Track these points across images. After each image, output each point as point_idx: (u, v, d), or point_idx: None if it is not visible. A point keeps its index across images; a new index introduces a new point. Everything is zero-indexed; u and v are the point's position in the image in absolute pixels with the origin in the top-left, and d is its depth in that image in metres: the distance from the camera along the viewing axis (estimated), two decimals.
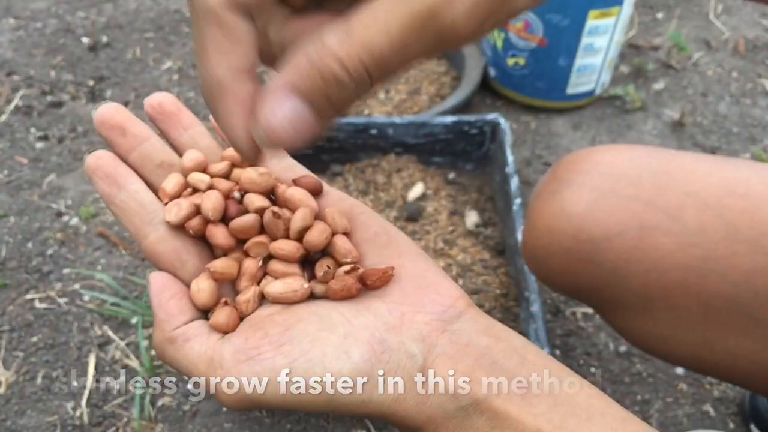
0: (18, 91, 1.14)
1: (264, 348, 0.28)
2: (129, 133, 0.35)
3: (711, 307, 0.41)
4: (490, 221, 0.92)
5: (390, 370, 0.28)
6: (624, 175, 0.44)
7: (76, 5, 1.32)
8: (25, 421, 0.76)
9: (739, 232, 0.40)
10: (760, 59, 1.25)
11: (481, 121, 0.94)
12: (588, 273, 0.45)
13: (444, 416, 0.28)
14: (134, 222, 0.33)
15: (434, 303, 0.30)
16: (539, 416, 0.28)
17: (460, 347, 0.29)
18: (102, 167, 0.34)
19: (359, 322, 0.29)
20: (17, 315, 0.85)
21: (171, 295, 0.31)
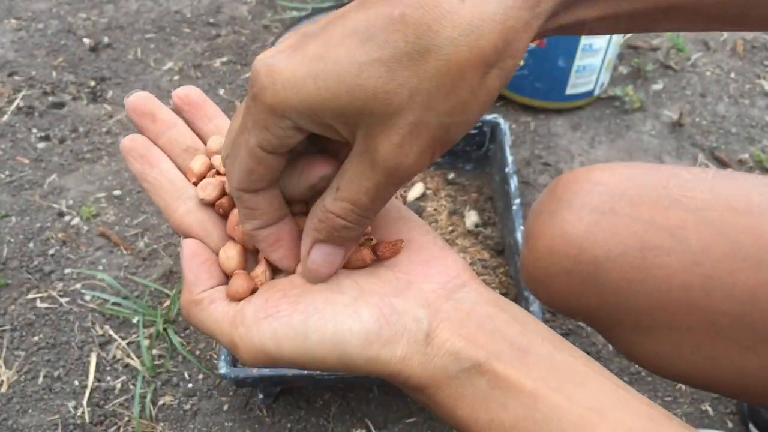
0: (19, 91, 1.15)
1: (282, 306, 0.31)
2: (158, 119, 0.38)
3: (716, 325, 0.41)
4: (490, 221, 0.93)
5: (397, 331, 0.30)
6: (624, 194, 0.44)
7: (78, 6, 1.32)
8: (27, 420, 0.76)
9: (742, 249, 0.40)
10: (759, 60, 1.25)
11: (480, 122, 0.95)
12: (590, 294, 0.45)
13: (447, 376, 0.30)
14: (164, 197, 0.36)
15: (440, 273, 0.32)
16: (537, 380, 0.29)
17: (464, 314, 0.31)
18: (136, 148, 0.37)
19: (369, 287, 0.32)
20: (19, 314, 0.85)
21: (201, 260, 0.34)
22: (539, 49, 1.06)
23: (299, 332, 0.30)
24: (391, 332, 0.30)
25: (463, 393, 0.30)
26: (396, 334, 0.30)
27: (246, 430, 0.75)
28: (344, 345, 0.30)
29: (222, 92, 1.15)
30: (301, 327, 0.30)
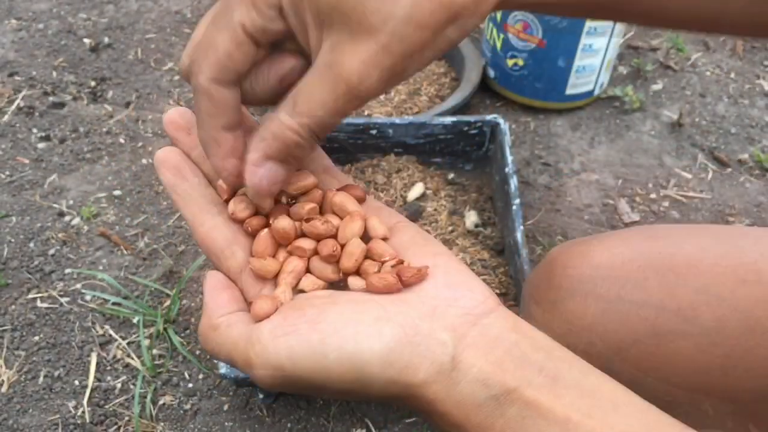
0: (20, 91, 1.15)
1: (300, 325, 0.30)
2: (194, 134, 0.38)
3: (738, 403, 0.40)
4: (490, 221, 0.93)
5: (421, 353, 0.29)
6: (628, 278, 0.42)
7: (78, 6, 1.32)
8: (27, 420, 0.76)
9: (758, 324, 0.39)
10: (758, 60, 1.25)
11: (480, 122, 0.95)
12: None
13: (475, 404, 0.29)
14: (192, 210, 0.36)
15: (466, 299, 0.32)
16: (568, 406, 0.28)
17: (490, 340, 0.30)
18: (170, 159, 0.37)
19: (393, 309, 0.31)
20: (19, 314, 0.85)
21: (223, 288, 0.34)
22: (539, 49, 1.06)
23: (317, 351, 0.29)
24: (413, 353, 0.29)
25: (493, 423, 0.29)
26: (419, 356, 0.29)
27: (246, 430, 0.76)
28: (363, 364, 0.29)
29: None
30: (319, 345, 0.29)
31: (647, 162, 1.06)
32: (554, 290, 0.44)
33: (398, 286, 0.32)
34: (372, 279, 0.32)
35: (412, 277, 0.32)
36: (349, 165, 0.97)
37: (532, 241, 0.94)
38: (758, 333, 0.39)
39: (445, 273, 0.33)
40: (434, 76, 1.16)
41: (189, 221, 0.36)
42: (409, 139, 0.96)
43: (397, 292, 0.32)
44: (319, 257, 0.35)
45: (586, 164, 1.06)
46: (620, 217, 0.98)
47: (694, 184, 1.03)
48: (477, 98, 1.16)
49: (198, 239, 0.35)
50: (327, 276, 0.34)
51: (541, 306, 0.45)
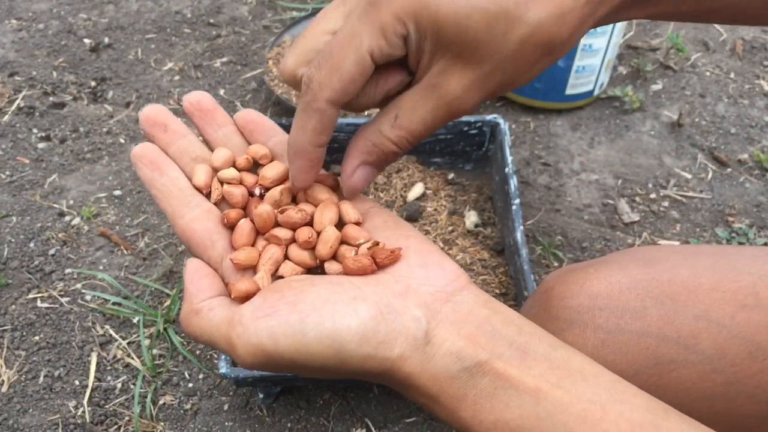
0: (20, 91, 1.15)
1: (280, 306, 0.31)
2: (170, 129, 0.39)
3: (742, 429, 0.40)
4: (490, 221, 0.93)
5: (395, 328, 0.31)
6: (626, 308, 0.42)
7: (78, 6, 1.33)
8: (27, 419, 0.76)
9: (760, 349, 0.39)
10: (758, 60, 1.25)
11: (480, 122, 0.95)
12: None
13: (448, 376, 0.30)
14: (172, 203, 0.37)
15: (438, 278, 0.33)
16: (538, 377, 0.30)
17: (462, 315, 0.32)
18: (147, 155, 0.38)
19: (368, 288, 0.32)
20: (19, 314, 0.85)
21: (203, 275, 0.35)
22: None
23: (297, 329, 0.30)
24: (388, 329, 0.30)
25: (466, 393, 0.30)
26: (393, 332, 0.30)
27: (246, 429, 0.76)
28: (342, 341, 0.30)
29: (222, 92, 1.16)
30: (298, 324, 0.30)
31: (647, 162, 1.06)
32: (552, 321, 0.43)
33: (372, 267, 0.33)
34: (347, 261, 0.34)
35: (386, 258, 0.33)
36: None
37: (532, 241, 0.94)
38: (760, 359, 0.38)
39: (417, 253, 0.34)
40: None
41: (168, 214, 0.37)
42: None
43: (372, 273, 0.34)
44: (296, 244, 0.36)
45: (586, 164, 1.06)
46: (620, 217, 0.98)
47: (694, 184, 1.03)
48: None
49: (178, 231, 0.36)
50: (305, 262, 0.36)
51: None
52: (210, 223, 0.36)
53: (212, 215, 0.37)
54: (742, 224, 0.98)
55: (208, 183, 0.38)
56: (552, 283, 0.45)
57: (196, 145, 0.39)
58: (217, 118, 0.40)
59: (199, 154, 0.39)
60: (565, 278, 0.44)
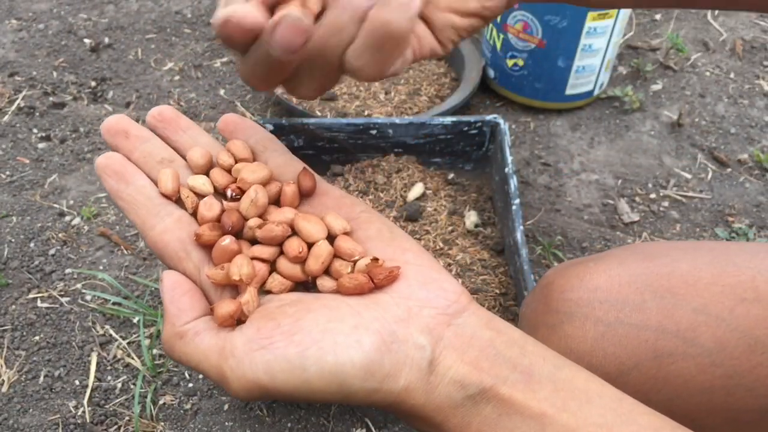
0: (20, 91, 1.15)
1: (276, 337, 0.29)
2: (132, 135, 0.37)
3: (741, 422, 0.40)
4: (490, 221, 0.93)
5: (400, 359, 0.29)
6: (626, 301, 0.42)
7: (78, 6, 1.33)
8: (28, 419, 0.76)
9: (759, 342, 0.39)
10: (758, 60, 1.25)
11: (480, 122, 0.95)
12: None
13: (452, 405, 0.29)
14: (140, 214, 0.35)
15: (439, 298, 0.32)
16: (543, 401, 0.29)
17: (465, 339, 0.30)
18: (111, 165, 0.36)
19: (369, 314, 0.30)
20: (19, 314, 0.85)
21: (183, 291, 0.32)
22: (539, 49, 1.06)
23: (296, 365, 0.28)
24: (393, 361, 0.29)
25: (470, 421, 0.29)
26: (398, 363, 0.29)
27: (246, 429, 0.76)
28: (345, 376, 0.28)
29: (222, 92, 1.16)
30: (297, 359, 0.28)
31: (647, 162, 1.06)
32: (552, 314, 0.43)
33: (369, 285, 0.32)
34: (343, 280, 0.32)
35: (385, 279, 0.32)
36: (349, 165, 0.97)
37: (532, 241, 0.94)
38: (758, 352, 0.38)
39: (417, 270, 0.33)
40: (434, 76, 1.16)
41: (138, 226, 0.35)
42: (409, 139, 0.96)
43: (369, 293, 0.32)
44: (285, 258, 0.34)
45: (586, 164, 1.06)
46: (620, 217, 0.98)
47: (694, 184, 1.03)
48: (477, 98, 1.17)
49: (150, 244, 0.35)
50: (295, 276, 0.34)
51: (539, 331, 0.44)
52: (182, 233, 0.34)
53: (184, 224, 0.35)
54: (742, 224, 0.98)
55: (175, 188, 0.35)
56: (552, 277, 0.45)
57: (161, 148, 0.38)
58: (180, 124, 0.39)
59: (165, 156, 0.37)
60: (565, 272, 0.44)
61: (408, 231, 0.89)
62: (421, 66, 1.19)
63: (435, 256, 0.87)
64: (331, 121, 0.94)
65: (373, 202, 0.93)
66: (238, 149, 0.37)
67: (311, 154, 0.97)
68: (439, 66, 1.19)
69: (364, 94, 1.12)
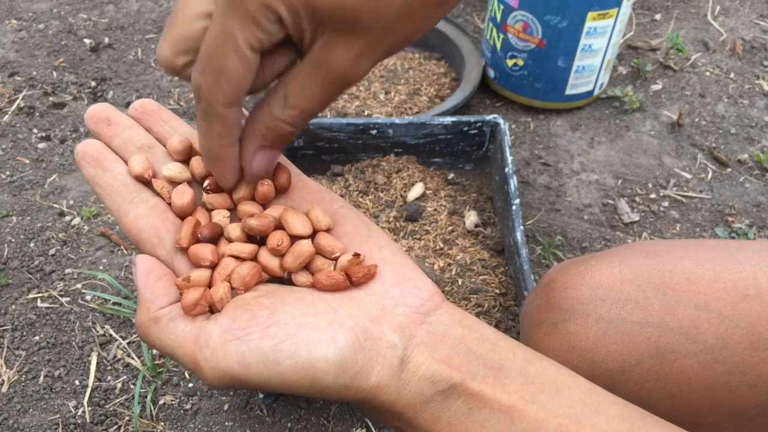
0: (20, 91, 1.15)
1: (251, 329, 0.30)
2: (113, 122, 0.38)
3: (743, 419, 0.40)
4: (490, 221, 0.93)
5: (372, 357, 0.30)
6: (628, 298, 0.42)
7: (78, 7, 1.33)
8: (28, 419, 0.76)
9: (761, 339, 0.39)
10: (758, 60, 1.25)
11: (480, 122, 0.95)
12: None
13: (422, 401, 0.30)
14: (116, 201, 0.35)
15: (413, 296, 0.32)
16: (512, 394, 0.29)
17: (437, 337, 0.31)
18: (89, 152, 0.36)
19: (344, 311, 0.31)
20: (19, 314, 0.85)
21: (157, 276, 0.33)
22: (539, 49, 1.06)
23: (270, 358, 0.29)
24: (365, 358, 0.30)
25: (440, 416, 0.30)
26: (370, 361, 0.30)
27: (246, 429, 0.76)
28: (317, 371, 0.29)
29: None
30: (271, 352, 0.29)
31: (647, 162, 1.06)
32: (554, 312, 0.43)
33: (346, 284, 0.32)
34: (320, 277, 0.32)
35: (363, 277, 0.32)
36: (349, 165, 0.97)
37: (532, 241, 0.94)
38: (761, 349, 0.38)
39: (392, 268, 0.33)
40: (434, 76, 1.16)
41: (113, 213, 0.35)
42: (409, 139, 0.96)
43: (345, 290, 0.32)
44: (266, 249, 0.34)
45: (586, 164, 1.06)
46: (620, 217, 0.98)
47: (694, 184, 1.04)
48: (477, 98, 1.17)
49: (125, 230, 0.35)
50: (273, 270, 0.34)
51: (541, 328, 0.44)
52: (156, 220, 0.35)
53: (158, 211, 0.35)
54: (742, 224, 0.98)
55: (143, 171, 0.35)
56: (554, 275, 0.45)
57: (141, 135, 0.38)
58: (162, 116, 0.39)
59: (144, 142, 0.37)
60: (567, 270, 0.45)
61: (408, 231, 0.89)
62: (421, 66, 1.19)
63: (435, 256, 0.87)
64: (331, 121, 0.94)
65: (372, 202, 0.93)
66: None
67: (311, 154, 0.97)
68: (439, 66, 1.19)
69: (364, 94, 1.12)
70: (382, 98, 1.11)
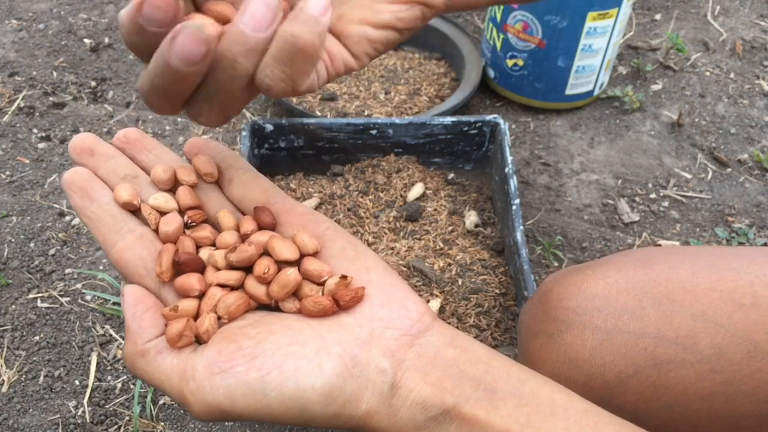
0: (20, 91, 1.15)
1: (237, 360, 0.29)
2: (97, 153, 0.38)
3: (741, 428, 0.40)
4: (490, 221, 0.93)
5: (361, 384, 0.29)
6: (624, 308, 0.42)
7: (78, 7, 1.33)
8: (28, 419, 0.76)
9: (758, 348, 0.38)
10: (758, 60, 1.25)
11: (480, 122, 0.95)
12: None
13: (415, 426, 0.29)
14: (103, 231, 0.35)
15: (402, 318, 0.32)
16: (506, 417, 0.29)
17: (428, 360, 0.30)
18: (77, 181, 0.36)
19: (331, 337, 0.30)
20: (19, 314, 0.85)
21: (145, 308, 0.32)
22: (539, 49, 1.06)
23: (257, 390, 0.28)
24: (354, 386, 0.29)
25: None
26: (360, 388, 0.29)
27: (246, 429, 0.76)
28: (305, 402, 0.28)
29: None
30: (258, 384, 0.28)
31: (647, 162, 1.06)
32: (551, 322, 0.43)
33: (333, 309, 0.31)
34: (307, 303, 0.32)
35: (350, 300, 0.31)
36: (349, 165, 0.97)
37: (532, 241, 0.94)
38: (758, 358, 0.38)
39: (380, 289, 0.32)
40: (434, 76, 1.16)
41: (101, 243, 0.35)
42: (409, 139, 0.96)
43: (333, 315, 0.32)
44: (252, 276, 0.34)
45: (586, 164, 1.06)
46: (620, 217, 0.98)
47: (694, 184, 1.04)
48: (477, 98, 1.17)
49: (112, 261, 0.35)
50: (260, 297, 0.33)
51: (538, 339, 0.44)
52: (143, 251, 0.34)
53: (145, 241, 0.35)
54: (742, 224, 0.98)
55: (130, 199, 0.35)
56: (550, 284, 0.45)
57: (125, 165, 0.38)
58: (145, 144, 0.39)
59: (129, 172, 0.37)
60: (563, 280, 0.44)
61: (408, 231, 0.89)
62: (421, 66, 1.19)
63: (435, 256, 0.87)
64: (331, 121, 0.94)
65: (372, 202, 0.93)
66: (202, 164, 0.38)
67: (311, 154, 0.97)
68: (439, 66, 1.19)
69: (364, 94, 1.12)
70: (382, 98, 1.11)
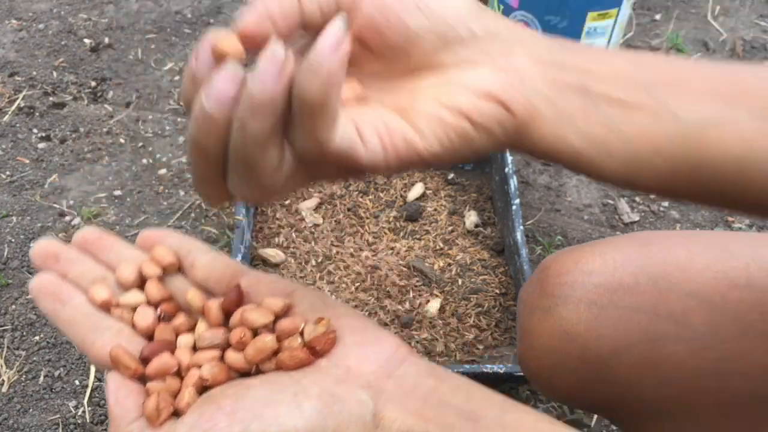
0: (20, 91, 1.15)
1: (218, 419, 0.29)
2: (62, 259, 0.37)
3: (733, 406, 0.40)
4: (490, 221, 0.93)
5: (343, 419, 0.29)
6: (620, 285, 0.42)
7: (78, 7, 1.33)
8: (28, 419, 0.76)
9: (751, 327, 0.39)
10: (758, 60, 1.25)
11: None
12: (599, 390, 0.44)
13: None
14: (79, 332, 0.35)
15: (377, 353, 0.32)
16: None
17: (407, 389, 0.30)
18: (46, 287, 0.36)
19: (308, 380, 0.31)
20: (19, 314, 0.85)
21: (127, 392, 0.33)
22: None
23: None
24: (336, 422, 0.29)
25: None
26: (342, 422, 0.29)
27: None
28: None
29: None
30: None
31: None
32: (547, 297, 0.44)
33: (310, 358, 0.32)
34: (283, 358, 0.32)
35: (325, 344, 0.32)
36: None
37: (532, 241, 0.94)
38: (750, 337, 0.39)
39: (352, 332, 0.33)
40: None
41: (78, 344, 0.35)
42: None
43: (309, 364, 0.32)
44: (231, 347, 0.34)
45: None
46: (620, 217, 0.98)
47: None
48: None
49: (93, 359, 0.35)
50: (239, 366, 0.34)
51: (535, 314, 0.45)
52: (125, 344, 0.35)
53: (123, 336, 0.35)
54: (742, 224, 0.98)
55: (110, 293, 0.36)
56: (549, 262, 0.46)
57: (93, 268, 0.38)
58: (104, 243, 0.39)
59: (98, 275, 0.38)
60: (561, 257, 0.45)
61: (408, 231, 0.89)
62: None
63: (435, 256, 0.87)
64: None
65: (372, 202, 0.93)
66: (162, 255, 0.38)
67: None
68: None
69: None
70: None
